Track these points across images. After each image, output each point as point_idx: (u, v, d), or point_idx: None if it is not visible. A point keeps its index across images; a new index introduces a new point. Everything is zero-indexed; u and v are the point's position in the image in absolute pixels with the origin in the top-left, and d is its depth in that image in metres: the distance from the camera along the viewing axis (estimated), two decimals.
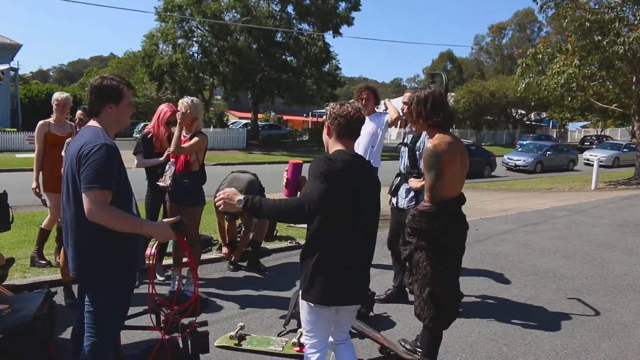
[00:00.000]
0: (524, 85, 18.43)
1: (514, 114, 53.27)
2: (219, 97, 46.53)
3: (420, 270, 3.60)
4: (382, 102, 6.63)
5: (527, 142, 33.38)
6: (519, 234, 9.14)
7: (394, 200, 5.37)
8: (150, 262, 3.27)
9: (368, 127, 5.96)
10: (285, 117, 49.88)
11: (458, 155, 3.49)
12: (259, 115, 40.33)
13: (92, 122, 2.97)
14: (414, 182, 4.99)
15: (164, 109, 5.67)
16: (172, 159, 5.16)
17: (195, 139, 5.14)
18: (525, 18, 79.67)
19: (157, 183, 5.24)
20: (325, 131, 3.10)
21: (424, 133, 4.92)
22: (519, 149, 30.05)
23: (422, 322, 3.73)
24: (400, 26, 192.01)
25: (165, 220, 3.08)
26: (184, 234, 3.16)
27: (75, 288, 5.15)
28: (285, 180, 3.29)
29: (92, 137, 2.80)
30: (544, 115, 51.54)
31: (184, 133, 5.27)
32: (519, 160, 26.76)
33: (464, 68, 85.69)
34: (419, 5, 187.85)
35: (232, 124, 41.84)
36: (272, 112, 47.75)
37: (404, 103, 5.12)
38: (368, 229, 3.02)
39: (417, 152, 5.06)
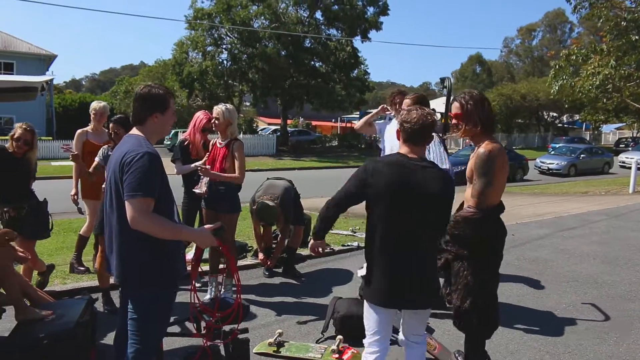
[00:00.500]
0: (557, 88, 18.11)
1: (546, 117, 52.43)
2: (247, 104, 46.85)
3: (461, 280, 3.51)
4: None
5: (560, 145, 32.75)
6: (556, 239, 8.96)
7: None
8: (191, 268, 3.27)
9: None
10: (313, 123, 49.97)
11: (507, 162, 3.44)
12: (288, 121, 40.49)
13: (134, 131, 2.99)
14: None
15: (199, 116, 5.69)
16: (208, 166, 5.16)
17: (237, 153, 5.16)
18: (556, 19, 78.48)
19: (193, 190, 5.24)
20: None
21: None
22: (552, 152, 29.49)
23: (463, 333, 3.66)
24: (429, 30, 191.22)
25: (206, 226, 3.09)
26: (224, 240, 3.17)
27: (113, 294, 5.25)
28: None
29: (135, 146, 2.82)
30: (576, 117, 50.59)
31: (219, 140, 5.29)
32: (552, 163, 26.25)
33: (493, 71, 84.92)
34: (447, 8, 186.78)
35: (261, 130, 42.07)
36: (300, 118, 47.87)
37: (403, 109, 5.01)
38: (420, 232, 2.99)
39: None
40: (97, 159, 5.27)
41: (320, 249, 3.26)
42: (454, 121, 3.52)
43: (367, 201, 3.02)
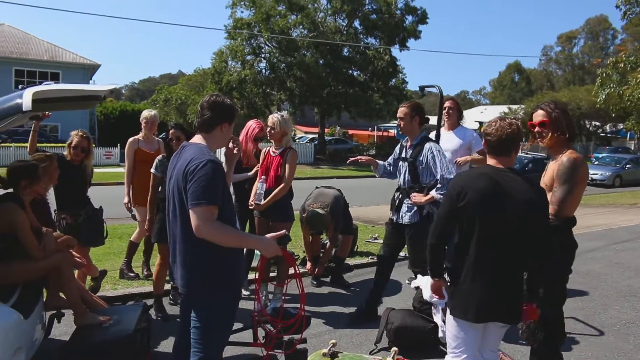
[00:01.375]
0: (603, 97, 17.67)
1: (588, 126, 51.27)
2: (285, 112, 47.10)
3: None
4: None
5: (604, 154, 31.98)
6: (608, 251, 8.71)
7: (393, 216, 5.13)
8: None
9: (452, 142, 5.84)
10: (350, 132, 49.91)
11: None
12: (325, 130, 40.56)
13: (196, 139, 2.99)
14: (418, 198, 4.79)
15: (252, 125, 5.71)
16: (263, 176, 5.15)
17: (288, 161, 5.18)
18: (598, 26, 76.60)
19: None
20: None
21: (426, 146, 4.75)
22: (595, 162, 28.76)
23: (530, 346, 3.56)
24: (466, 38, 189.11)
25: (269, 235, 3.05)
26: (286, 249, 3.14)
27: (165, 301, 5.29)
28: None
29: (197, 154, 2.82)
30: (620, 126, 49.31)
31: (273, 148, 5.29)
32: (596, 174, 25.50)
33: (532, 79, 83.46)
34: (485, 17, 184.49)
35: (298, 138, 42.25)
36: (337, 127, 47.89)
37: (400, 118, 4.94)
38: (511, 244, 2.96)
39: (420, 167, 4.83)
40: (152, 171, 5.28)
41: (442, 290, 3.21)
42: (537, 129, 3.45)
43: (460, 215, 2.98)
